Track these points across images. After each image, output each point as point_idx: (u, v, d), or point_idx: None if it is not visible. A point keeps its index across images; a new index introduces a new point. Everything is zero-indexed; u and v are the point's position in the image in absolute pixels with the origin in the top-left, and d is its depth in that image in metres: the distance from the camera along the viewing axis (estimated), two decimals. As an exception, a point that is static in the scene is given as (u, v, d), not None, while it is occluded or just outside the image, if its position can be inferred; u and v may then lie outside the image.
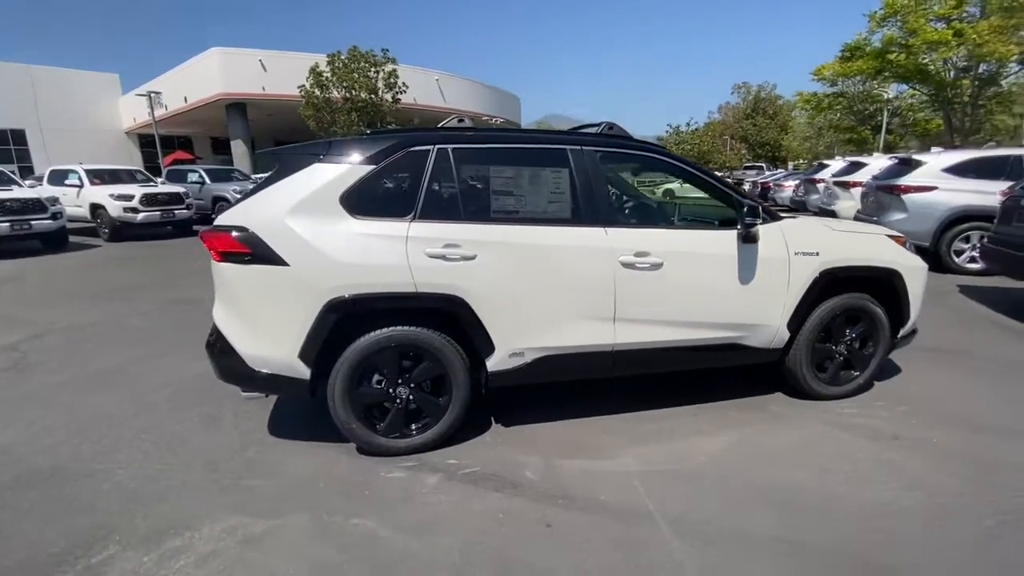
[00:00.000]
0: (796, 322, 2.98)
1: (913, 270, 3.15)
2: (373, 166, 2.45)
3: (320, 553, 1.95)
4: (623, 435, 2.81)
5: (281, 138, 39.06)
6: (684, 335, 2.83)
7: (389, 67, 26.48)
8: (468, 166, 2.59)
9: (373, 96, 26.18)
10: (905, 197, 7.12)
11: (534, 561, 1.90)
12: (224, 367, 2.49)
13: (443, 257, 2.43)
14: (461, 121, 2.69)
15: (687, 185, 3.17)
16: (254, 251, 2.31)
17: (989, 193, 6.66)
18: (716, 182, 2.91)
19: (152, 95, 25.03)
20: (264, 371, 2.42)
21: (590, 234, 2.62)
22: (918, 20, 18.85)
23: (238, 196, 13.41)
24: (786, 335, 2.99)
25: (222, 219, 2.39)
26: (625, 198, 3.59)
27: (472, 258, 2.46)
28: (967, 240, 6.86)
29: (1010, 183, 6.38)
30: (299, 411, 3.11)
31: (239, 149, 27.07)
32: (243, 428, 2.90)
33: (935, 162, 7.29)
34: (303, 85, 24.80)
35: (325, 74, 25.04)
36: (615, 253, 2.62)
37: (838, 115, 30.79)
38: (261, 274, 2.33)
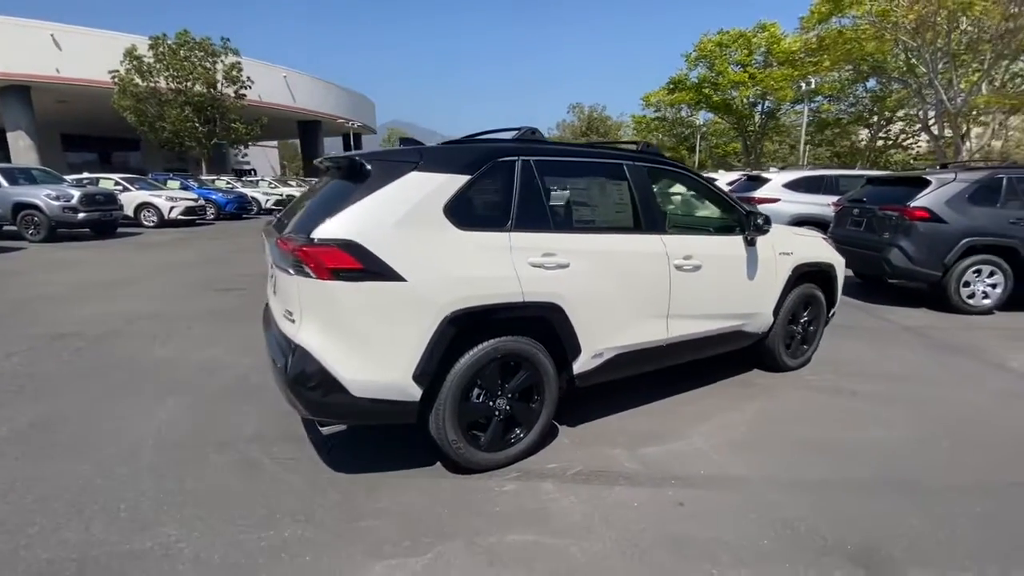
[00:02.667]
0: (777, 309, 3.66)
1: (840, 264, 4.09)
2: (469, 176, 2.39)
3: (505, 574, 1.88)
4: (674, 419, 3.15)
5: (73, 131, 31.93)
6: (711, 326, 3.29)
7: (231, 59, 23.55)
8: (548, 177, 2.66)
9: (212, 90, 22.98)
10: (760, 207, 8.86)
11: (695, 534, 2.11)
12: (318, 400, 2.17)
13: (542, 266, 2.49)
14: (534, 133, 2.76)
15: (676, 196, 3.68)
16: (367, 267, 2.10)
17: (814, 203, 8.72)
18: (727, 197, 3.44)
19: None
20: (370, 398, 2.19)
21: (652, 241, 2.91)
22: (723, 64, 23.30)
23: (53, 202, 10.80)
24: (771, 320, 3.65)
25: (321, 233, 2.10)
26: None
27: (566, 266, 2.55)
28: (801, 240, 8.82)
29: (830, 196, 8.43)
30: (348, 443, 2.81)
31: (21, 142, 21.48)
32: (300, 471, 2.53)
33: (777, 179, 9.23)
34: (117, 70, 20.68)
35: (147, 59, 21.22)
36: (670, 257, 2.95)
37: (660, 136, 36.17)
38: (376, 291, 2.12)
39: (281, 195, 21.68)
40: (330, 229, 2.10)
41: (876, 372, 4.02)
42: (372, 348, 2.16)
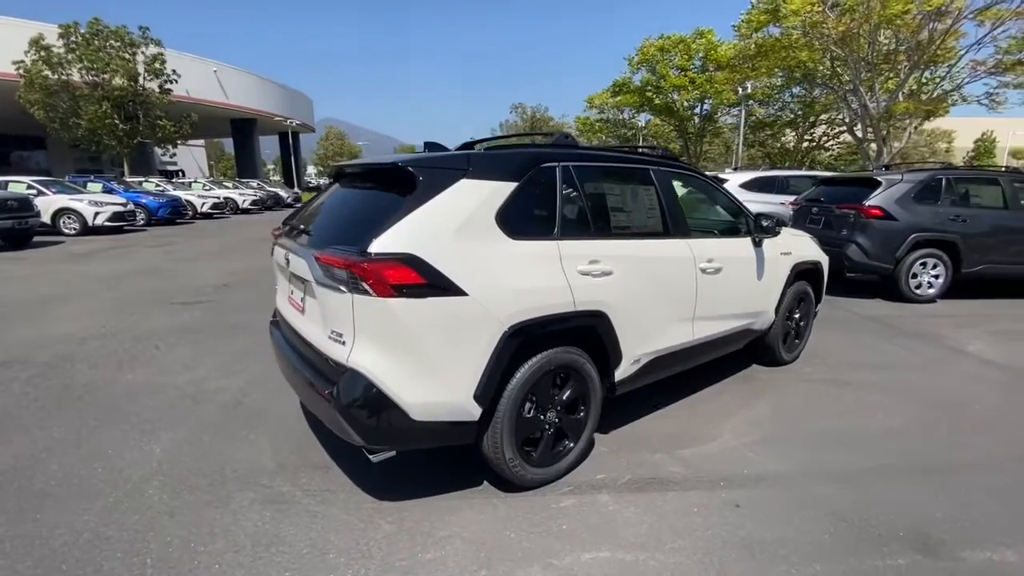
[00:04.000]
0: (778, 306, 3.83)
1: (826, 262, 4.35)
2: (516, 183, 2.31)
3: (596, 596, 1.83)
4: (698, 419, 3.21)
5: (-37, 128, 28.20)
6: (728, 325, 3.38)
7: (152, 50, 21.74)
8: (585, 183, 2.62)
9: (133, 84, 21.11)
10: (720, 206, 9.32)
11: (761, 536, 2.15)
12: (375, 427, 2.01)
13: (590, 274, 2.45)
14: (567, 138, 2.71)
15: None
16: (430, 281, 1.96)
17: (769, 202, 9.24)
18: (736, 200, 3.55)
19: None
20: (431, 421, 2.06)
21: (680, 245, 2.95)
22: (664, 68, 24.27)
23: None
24: (773, 317, 3.82)
25: (379, 247, 1.93)
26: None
27: (610, 273, 2.53)
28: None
29: (782, 195, 8.97)
30: (381, 467, 2.64)
31: (-101, 141, 18.67)
32: (339, 502, 2.34)
33: (733, 179, 9.70)
34: (22, 61, 18.49)
35: (57, 49, 19.13)
36: (696, 261, 3.00)
37: (604, 137, 37.13)
38: (438, 307, 1.99)
39: (219, 198, 20.33)
40: (388, 242, 1.95)
41: (860, 362, 4.30)
42: (434, 368, 2.03)
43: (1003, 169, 7.77)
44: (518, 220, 2.29)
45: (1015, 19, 12.75)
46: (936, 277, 6.35)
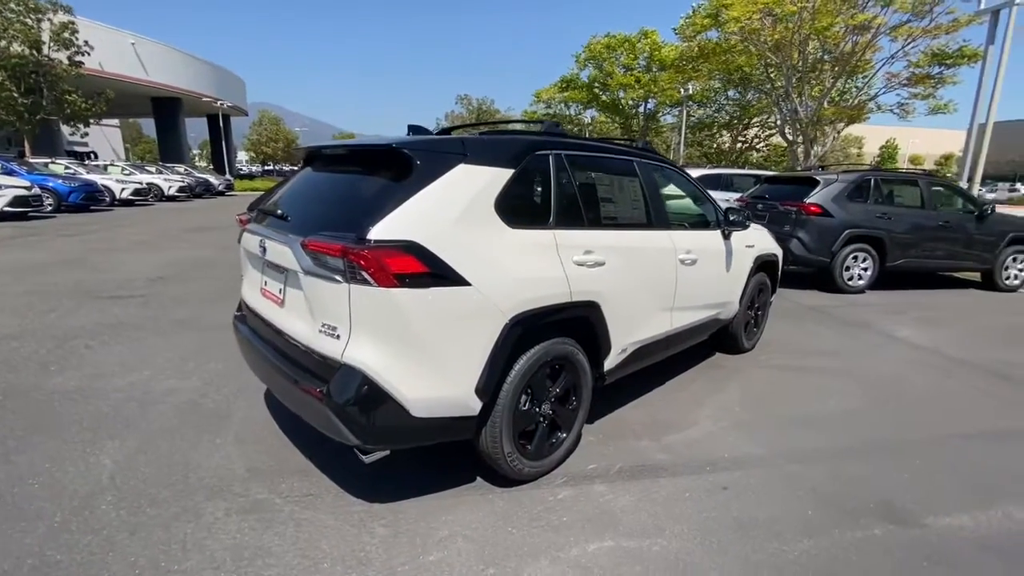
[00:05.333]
0: (742, 297, 4.01)
1: (781, 256, 4.60)
2: (512, 170, 2.24)
3: (607, 586, 1.82)
4: (676, 406, 3.30)
5: None
6: (700, 315, 3.50)
7: (61, 17, 19.49)
8: (576, 172, 2.60)
9: (35, 53, 18.85)
10: (671, 201, 9.66)
11: (751, 515, 2.23)
12: (373, 426, 1.88)
13: (584, 264, 2.43)
14: (557, 126, 2.66)
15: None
16: (432, 270, 1.86)
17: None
18: (706, 194, 3.66)
19: None
20: (431, 417, 1.97)
21: (662, 236, 3.00)
22: (611, 65, 24.83)
23: None
24: (737, 307, 3.99)
25: (378, 233, 1.80)
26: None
27: (603, 264, 2.53)
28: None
29: (727, 192, 9.42)
30: (364, 468, 2.51)
31: None
32: (326, 507, 2.19)
33: (683, 176, 10.10)
34: None
35: (-63, 9, 16.71)
36: (676, 252, 3.07)
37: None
38: (440, 298, 1.89)
39: (141, 183, 18.64)
40: (388, 229, 1.82)
41: (809, 349, 4.60)
42: (435, 362, 1.94)
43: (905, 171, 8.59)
44: (515, 208, 2.23)
45: (923, 36, 14.13)
46: (865, 270, 6.91)
